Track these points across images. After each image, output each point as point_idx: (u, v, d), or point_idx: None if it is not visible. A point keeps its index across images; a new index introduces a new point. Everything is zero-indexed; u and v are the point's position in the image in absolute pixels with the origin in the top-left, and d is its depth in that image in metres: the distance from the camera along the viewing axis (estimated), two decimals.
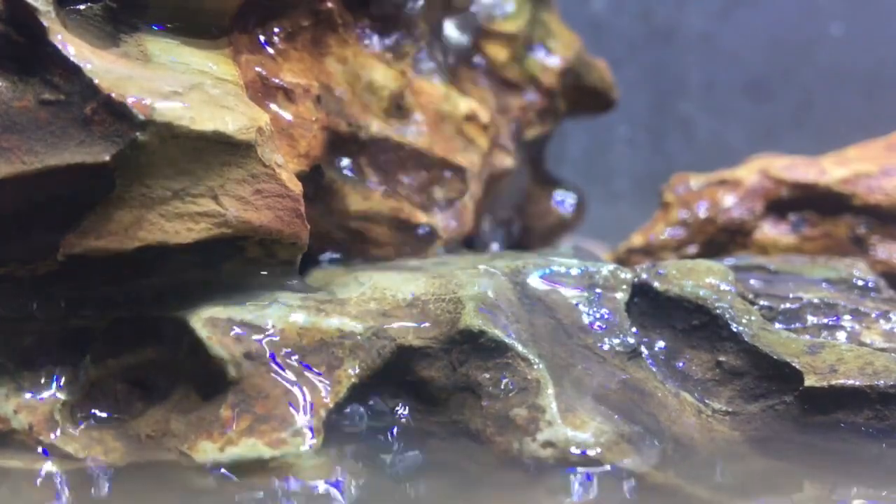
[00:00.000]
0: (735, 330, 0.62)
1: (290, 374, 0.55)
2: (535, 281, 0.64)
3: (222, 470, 0.52)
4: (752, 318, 0.63)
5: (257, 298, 0.59)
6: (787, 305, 0.67)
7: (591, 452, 0.53)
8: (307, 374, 0.56)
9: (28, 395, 0.58)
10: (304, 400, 0.55)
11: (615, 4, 1.76)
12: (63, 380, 0.59)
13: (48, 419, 0.57)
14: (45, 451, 0.56)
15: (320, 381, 0.56)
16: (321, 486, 0.52)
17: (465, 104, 0.80)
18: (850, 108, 1.70)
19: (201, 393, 0.56)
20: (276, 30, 0.68)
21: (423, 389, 0.58)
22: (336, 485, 0.52)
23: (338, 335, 0.57)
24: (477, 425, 0.56)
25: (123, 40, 0.59)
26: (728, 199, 0.96)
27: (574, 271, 0.64)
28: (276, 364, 0.56)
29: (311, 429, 0.54)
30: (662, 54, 1.78)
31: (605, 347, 0.61)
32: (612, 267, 0.65)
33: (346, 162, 0.73)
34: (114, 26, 0.59)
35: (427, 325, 0.59)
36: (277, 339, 0.56)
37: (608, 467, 0.52)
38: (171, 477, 0.53)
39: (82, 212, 0.55)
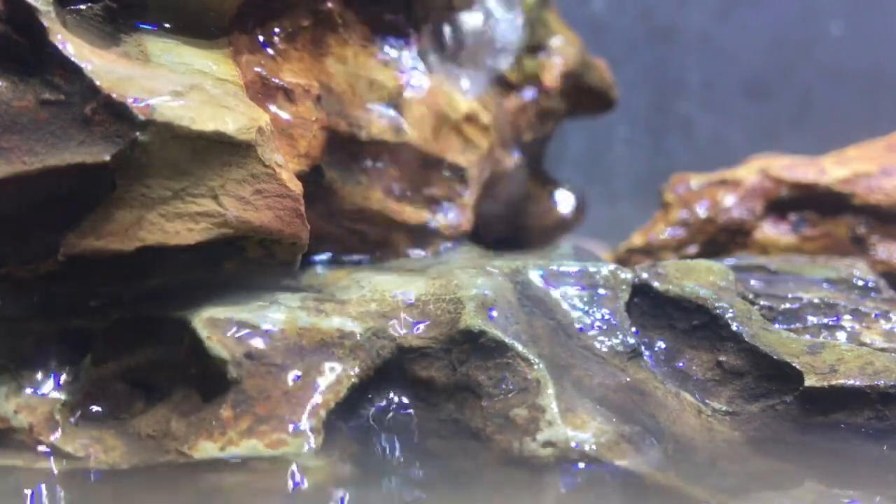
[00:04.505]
0: (735, 330, 0.62)
1: (290, 375, 0.55)
2: (534, 281, 0.64)
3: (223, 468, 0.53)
4: (753, 317, 0.63)
5: (257, 298, 0.59)
6: (787, 305, 0.67)
7: (591, 452, 0.53)
8: (307, 374, 0.56)
9: (28, 395, 0.58)
10: (305, 400, 0.55)
11: (615, 4, 1.76)
12: (63, 380, 0.59)
13: (48, 419, 0.57)
14: (45, 451, 0.56)
15: (320, 382, 0.56)
16: (321, 487, 0.52)
17: (465, 104, 0.80)
18: (850, 108, 1.71)
19: (202, 393, 0.56)
20: (276, 30, 0.68)
21: (423, 389, 0.58)
22: (336, 485, 0.52)
23: (338, 335, 0.57)
24: (477, 425, 0.56)
25: (123, 40, 0.59)
26: (728, 199, 0.96)
27: (574, 271, 0.64)
28: (277, 364, 0.56)
29: (311, 429, 0.54)
30: (662, 54, 1.78)
31: (605, 348, 0.61)
32: (612, 267, 0.65)
33: (346, 162, 0.73)
34: (114, 26, 0.59)
35: (427, 325, 0.59)
36: (278, 339, 0.56)
37: (608, 467, 0.52)
38: (171, 477, 0.53)
39: (82, 212, 0.55)
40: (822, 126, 1.70)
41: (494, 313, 0.59)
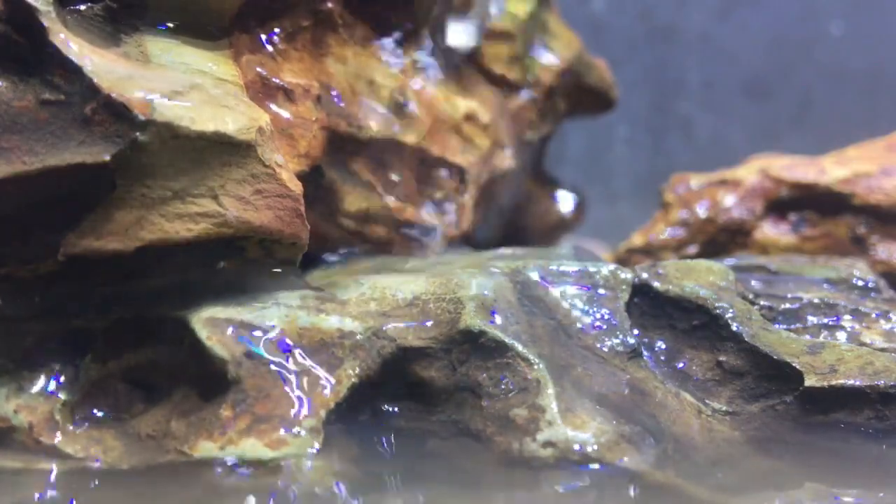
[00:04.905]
0: (735, 330, 0.62)
1: (290, 374, 0.55)
2: (534, 281, 0.64)
3: (222, 469, 0.53)
4: (753, 317, 0.63)
5: (257, 298, 0.59)
6: (787, 305, 0.67)
7: (591, 452, 0.53)
8: (307, 374, 0.56)
9: (28, 395, 0.58)
10: (305, 400, 0.55)
11: (615, 4, 1.76)
12: (63, 380, 0.59)
13: (48, 419, 0.57)
14: (45, 451, 0.56)
15: (320, 381, 0.56)
16: (321, 486, 0.52)
17: (465, 104, 0.80)
18: (850, 108, 1.71)
19: (201, 393, 0.56)
20: (276, 30, 0.68)
21: (423, 389, 0.58)
22: (336, 485, 0.52)
23: (338, 335, 0.57)
24: (477, 425, 0.56)
25: (124, 40, 0.59)
26: (728, 199, 0.96)
27: (574, 271, 0.64)
28: (277, 364, 0.56)
29: (310, 429, 0.54)
30: (662, 54, 1.78)
31: (606, 347, 0.61)
32: (612, 267, 0.65)
33: (346, 162, 0.73)
34: (114, 26, 0.59)
35: (427, 324, 0.59)
36: (278, 339, 0.56)
37: (608, 467, 0.52)
38: (171, 477, 0.53)
39: (82, 212, 0.55)
40: (822, 126, 1.70)
41: (494, 313, 0.59)
